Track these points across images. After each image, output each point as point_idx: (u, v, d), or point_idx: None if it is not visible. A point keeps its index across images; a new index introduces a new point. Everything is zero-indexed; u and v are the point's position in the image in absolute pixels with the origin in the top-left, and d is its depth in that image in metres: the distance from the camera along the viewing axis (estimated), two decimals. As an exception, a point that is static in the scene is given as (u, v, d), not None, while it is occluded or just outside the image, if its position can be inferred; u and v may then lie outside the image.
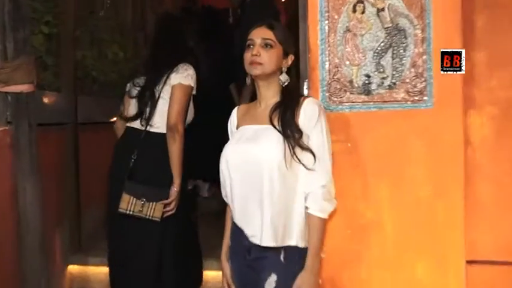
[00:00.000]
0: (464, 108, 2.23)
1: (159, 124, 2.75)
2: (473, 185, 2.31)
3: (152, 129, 2.76)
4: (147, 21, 5.25)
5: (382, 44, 2.21)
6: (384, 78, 2.21)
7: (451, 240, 2.24)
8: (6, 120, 2.40)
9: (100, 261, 2.99)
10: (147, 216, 2.65)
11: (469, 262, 2.26)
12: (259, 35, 1.95)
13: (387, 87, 2.22)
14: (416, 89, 2.20)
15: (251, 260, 1.92)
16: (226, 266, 2.04)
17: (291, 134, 1.87)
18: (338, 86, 2.23)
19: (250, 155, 1.90)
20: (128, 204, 2.65)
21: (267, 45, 1.93)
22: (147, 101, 2.76)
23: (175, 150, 2.69)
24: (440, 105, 2.19)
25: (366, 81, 2.22)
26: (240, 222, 1.95)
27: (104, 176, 2.90)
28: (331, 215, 2.01)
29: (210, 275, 2.94)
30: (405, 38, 2.19)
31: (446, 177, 2.22)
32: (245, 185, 1.91)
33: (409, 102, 2.21)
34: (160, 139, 2.74)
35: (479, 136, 2.33)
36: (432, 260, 2.25)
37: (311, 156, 1.88)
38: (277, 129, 1.89)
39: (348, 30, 2.22)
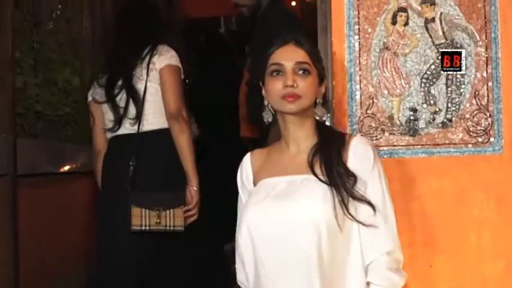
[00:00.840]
0: None
1: (152, 119, 2.93)
2: None
3: (145, 128, 2.93)
4: (110, 37, 5.21)
5: (432, 67, 2.19)
6: (435, 112, 2.19)
7: None
8: None
9: None
10: (168, 228, 2.81)
11: None
12: (291, 57, 1.90)
13: (440, 125, 2.20)
14: (479, 128, 2.18)
15: None
16: None
17: (341, 181, 1.83)
18: (373, 124, 2.20)
19: (286, 217, 1.83)
20: (142, 218, 2.78)
21: (304, 71, 1.88)
22: (128, 97, 2.92)
23: (184, 141, 2.88)
24: None
25: (412, 117, 2.20)
26: None
27: (53, 247, 2.73)
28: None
29: None
30: (464, 58, 2.15)
31: None
32: (280, 261, 1.83)
33: (470, 146, 2.20)
34: (158, 137, 2.93)
35: None
36: None
37: (369, 209, 1.84)
38: (321, 180, 1.84)
39: (385, 48, 2.20)
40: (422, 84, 2.18)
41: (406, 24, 2.18)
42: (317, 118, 1.95)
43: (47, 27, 4.17)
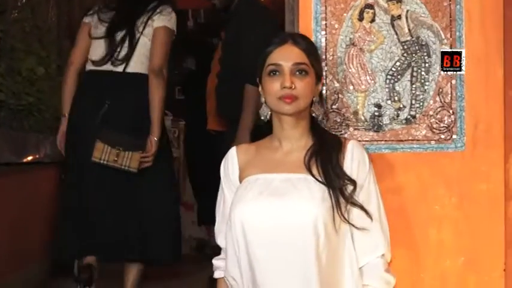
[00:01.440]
0: (506, 149, 2.23)
1: (133, 66, 3.26)
2: None
3: (129, 70, 3.26)
4: (76, 26, 5.16)
5: (397, 64, 2.19)
6: (399, 109, 2.19)
7: None
8: None
9: None
10: (123, 167, 3.14)
11: None
12: (289, 57, 1.88)
13: (404, 121, 2.20)
14: (442, 125, 2.19)
15: None
16: None
17: (339, 185, 1.85)
18: (338, 119, 2.20)
19: (285, 216, 1.82)
20: (102, 153, 3.11)
21: (301, 72, 1.87)
22: (123, 40, 3.26)
23: (158, 96, 3.19)
24: (474, 147, 2.20)
25: (376, 113, 2.19)
26: None
27: (15, 237, 2.73)
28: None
29: None
30: (428, 55, 2.17)
31: (481, 244, 2.23)
32: (277, 258, 1.82)
33: (433, 142, 2.20)
34: (140, 80, 3.24)
35: None
36: None
37: (363, 214, 1.87)
38: (319, 181, 1.84)
39: (352, 44, 2.19)
40: (387, 81, 2.18)
41: (372, 20, 2.17)
42: (313, 115, 1.95)
43: (12, 16, 4.11)
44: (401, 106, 2.18)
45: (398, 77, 2.17)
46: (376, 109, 2.18)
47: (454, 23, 2.16)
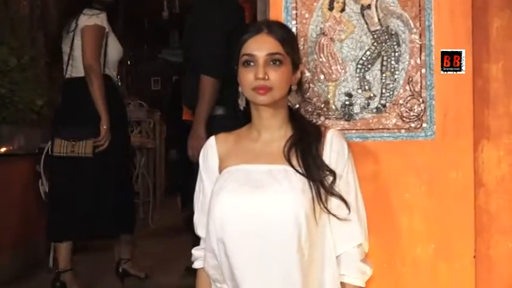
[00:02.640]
0: (475, 138, 2.25)
1: (78, 68, 3.75)
2: (486, 239, 2.34)
3: (73, 75, 3.78)
4: (50, 17, 5.11)
5: (368, 53, 2.18)
6: (370, 98, 2.19)
7: None
8: None
9: None
10: (80, 154, 3.59)
11: None
12: (263, 47, 1.85)
13: (374, 110, 2.20)
14: (412, 114, 2.19)
15: None
16: None
17: (319, 176, 1.84)
18: (309, 109, 2.19)
19: (264, 208, 1.81)
20: (61, 147, 3.60)
21: (275, 62, 1.85)
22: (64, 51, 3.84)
23: (94, 88, 3.61)
24: (444, 135, 2.21)
25: (347, 102, 2.19)
26: None
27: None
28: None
29: None
30: (398, 45, 2.17)
31: (452, 231, 2.25)
32: (257, 252, 1.81)
33: (403, 131, 2.21)
34: (82, 83, 3.68)
35: (495, 175, 2.35)
36: None
37: (343, 204, 1.87)
38: (300, 172, 1.83)
39: (322, 33, 2.18)
40: (358, 70, 2.17)
41: (342, 10, 2.16)
42: (289, 104, 1.94)
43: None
44: (371, 95, 2.18)
45: (369, 66, 2.17)
46: (346, 98, 2.18)
47: (424, 12, 2.16)
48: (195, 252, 2.02)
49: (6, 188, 4.35)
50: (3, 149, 4.32)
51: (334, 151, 1.89)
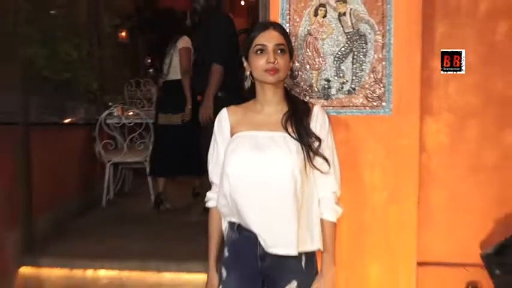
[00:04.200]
0: (421, 114, 2.21)
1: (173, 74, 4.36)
2: (427, 190, 2.33)
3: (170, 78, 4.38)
4: (101, 22, 5.03)
5: (342, 49, 2.13)
6: (343, 83, 2.14)
7: (403, 243, 2.26)
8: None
9: (52, 262, 2.89)
10: (173, 123, 4.28)
11: (420, 264, 2.28)
12: (272, 39, 1.81)
13: (346, 92, 2.15)
14: (375, 95, 2.14)
15: (266, 267, 1.83)
16: (215, 276, 1.95)
17: (308, 141, 1.82)
18: (298, 90, 2.15)
19: (267, 164, 1.78)
20: (163, 119, 4.33)
21: (281, 51, 1.81)
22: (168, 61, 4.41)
23: (185, 85, 4.23)
24: (398, 112, 2.17)
25: (326, 86, 2.14)
26: (258, 231, 1.81)
27: (57, 178, 2.80)
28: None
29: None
30: (366, 43, 2.12)
31: (401, 183, 2.22)
32: (261, 198, 1.78)
33: (367, 108, 2.16)
34: (176, 83, 4.30)
35: (434, 143, 2.34)
36: (385, 261, 2.27)
37: (325, 162, 1.84)
38: (294, 137, 1.80)
39: (309, 33, 2.13)
40: (335, 62, 2.12)
41: (324, 16, 2.10)
42: (285, 86, 1.90)
43: (53, 12, 4.02)
44: (345, 81, 2.13)
45: (343, 59, 2.12)
46: (326, 83, 2.13)
47: (386, 19, 2.10)
48: (209, 194, 1.98)
49: (71, 148, 4.30)
50: (68, 120, 4.26)
51: (318, 123, 1.85)
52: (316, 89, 2.13)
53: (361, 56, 2.11)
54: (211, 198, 1.97)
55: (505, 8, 2.29)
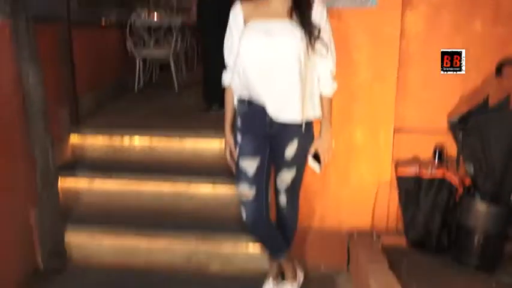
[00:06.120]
0: (403, 7, 2.39)
1: None
2: (405, 69, 2.50)
3: None
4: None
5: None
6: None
7: (384, 113, 2.47)
8: (4, 14, 2.35)
9: (95, 132, 3.28)
10: None
11: (396, 130, 2.50)
12: None
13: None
14: (365, -9, 2.33)
15: (273, 132, 2.01)
16: (230, 137, 2.15)
17: (310, 29, 1.92)
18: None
19: (276, 47, 1.90)
20: None
21: None
22: None
23: None
24: (383, 5, 2.36)
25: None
26: (267, 103, 1.97)
27: (96, 67, 3.28)
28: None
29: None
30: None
31: (384, 64, 2.44)
32: (269, 76, 1.92)
33: (358, 1, 2.36)
34: None
35: (413, 31, 2.50)
36: (368, 128, 2.50)
37: (323, 47, 1.96)
38: (298, 26, 1.93)
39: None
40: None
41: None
42: None
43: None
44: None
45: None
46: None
47: None
48: (224, 75, 2.13)
49: (107, 44, 4.64)
50: (103, 23, 4.56)
51: (318, 13, 1.95)
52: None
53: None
54: (226, 78, 2.12)
55: None
